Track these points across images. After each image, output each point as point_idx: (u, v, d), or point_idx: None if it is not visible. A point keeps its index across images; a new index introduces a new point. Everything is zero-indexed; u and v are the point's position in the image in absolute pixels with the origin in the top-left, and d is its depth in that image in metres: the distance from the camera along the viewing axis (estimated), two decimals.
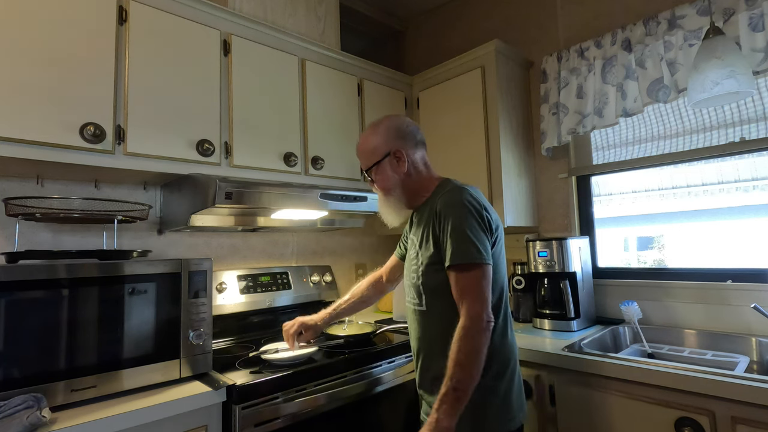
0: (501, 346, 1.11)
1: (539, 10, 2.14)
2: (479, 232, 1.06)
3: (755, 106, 1.55)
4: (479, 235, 1.05)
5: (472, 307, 1.01)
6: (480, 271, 1.03)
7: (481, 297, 1.02)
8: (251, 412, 1.18)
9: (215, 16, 1.57)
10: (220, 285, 1.74)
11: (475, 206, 1.08)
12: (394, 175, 1.19)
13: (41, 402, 0.96)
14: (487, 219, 1.09)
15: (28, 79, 1.17)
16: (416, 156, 1.21)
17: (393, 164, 1.19)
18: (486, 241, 1.06)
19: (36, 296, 1.03)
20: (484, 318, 1.00)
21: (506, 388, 1.09)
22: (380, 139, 1.20)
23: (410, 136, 1.21)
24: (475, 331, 0.99)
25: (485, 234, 1.07)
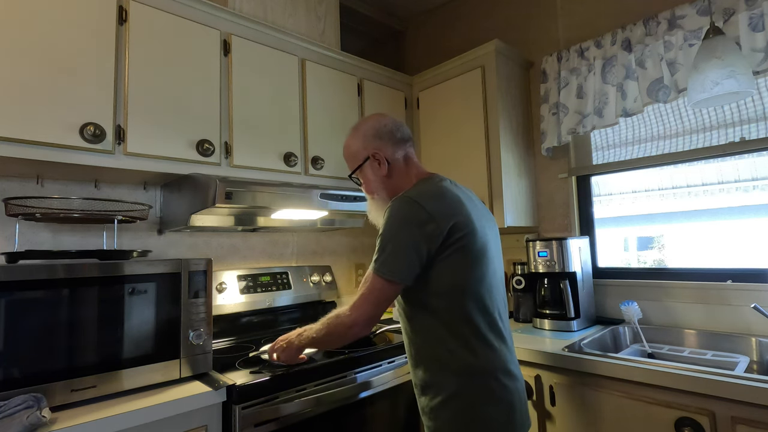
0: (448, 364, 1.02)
1: (539, 10, 2.14)
2: (405, 247, 1.01)
3: (755, 106, 1.55)
4: (403, 251, 1.01)
5: (359, 307, 1.04)
6: (381, 283, 1.02)
7: (370, 304, 1.03)
8: (251, 412, 1.18)
9: (215, 16, 1.57)
10: (220, 285, 1.74)
11: (404, 216, 1.02)
12: (376, 177, 1.19)
13: (41, 402, 0.96)
14: (423, 231, 1.00)
15: (28, 79, 1.17)
16: (397, 155, 1.19)
17: (374, 167, 1.19)
18: (402, 255, 1.00)
19: (36, 296, 1.03)
20: (361, 320, 1.03)
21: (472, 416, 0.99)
22: (359, 143, 1.20)
23: (388, 136, 1.18)
24: (347, 323, 1.05)
25: (409, 248, 1.00)
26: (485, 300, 1.05)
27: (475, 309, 1.03)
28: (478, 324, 1.03)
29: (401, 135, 1.20)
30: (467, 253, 1.03)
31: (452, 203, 1.06)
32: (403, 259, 1.00)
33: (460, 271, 1.03)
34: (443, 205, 1.04)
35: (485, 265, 1.06)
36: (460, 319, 1.02)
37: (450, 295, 1.02)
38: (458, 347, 1.01)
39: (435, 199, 1.05)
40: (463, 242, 1.03)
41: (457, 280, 1.02)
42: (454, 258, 1.02)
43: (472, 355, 1.01)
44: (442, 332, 1.03)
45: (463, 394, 1.00)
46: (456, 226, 1.03)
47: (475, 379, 1.01)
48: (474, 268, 1.04)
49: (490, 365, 1.02)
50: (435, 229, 1.00)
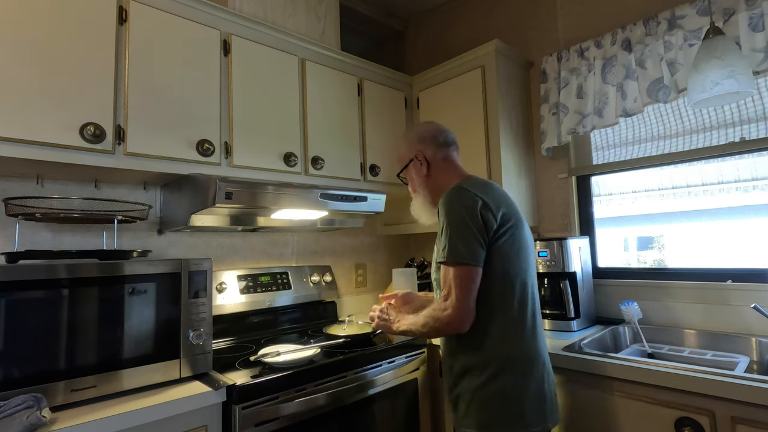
0: (497, 344, 1.10)
1: (539, 10, 2.14)
2: (464, 231, 1.08)
3: (755, 106, 1.55)
4: (462, 235, 1.08)
5: (453, 301, 1.08)
6: (460, 271, 1.07)
7: (461, 294, 1.07)
8: (251, 412, 1.18)
9: (215, 16, 1.57)
10: (220, 285, 1.74)
11: (463, 204, 1.11)
12: (418, 176, 1.31)
13: (41, 402, 0.96)
14: (480, 218, 1.09)
15: (28, 79, 1.17)
16: (438, 156, 1.29)
17: (417, 167, 1.31)
18: (473, 241, 1.08)
19: (36, 296, 1.03)
20: (457, 315, 1.07)
21: (515, 391, 1.08)
22: (406, 146, 1.35)
23: (431, 140, 1.30)
24: (445, 320, 1.09)
25: (472, 233, 1.08)
26: (528, 289, 1.15)
27: (520, 296, 1.12)
28: (522, 311, 1.12)
29: (443, 139, 1.31)
30: (515, 241, 1.13)
31: (500, 195, 1.18)
32: (473, 241, 1.08)
33: (509, 258, 1.12)
34: (493, 195, 1.15)
35: (528, 257, 1.17)
36: (507, 305, 1.11)
37: (500, 282, 1.10)
38: (504, 333, 1.10)
39: (484, 190, 1.15)
40: (512, 231, 1.13)
41: (506, 267, 1.11)
42: (506, 245, 1.11)
43: (514, 342, 1.10)
44: (489, 318, 1.10)
45: (503, 375, 1.08)
46: (506, 215, 1.13)
47: (516, 364, 1.09)
48: (520, 258, 1.14)
49: (532, 353, 1.12)
50: (490, 216, 1.10)
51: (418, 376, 1.66)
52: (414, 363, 1.65)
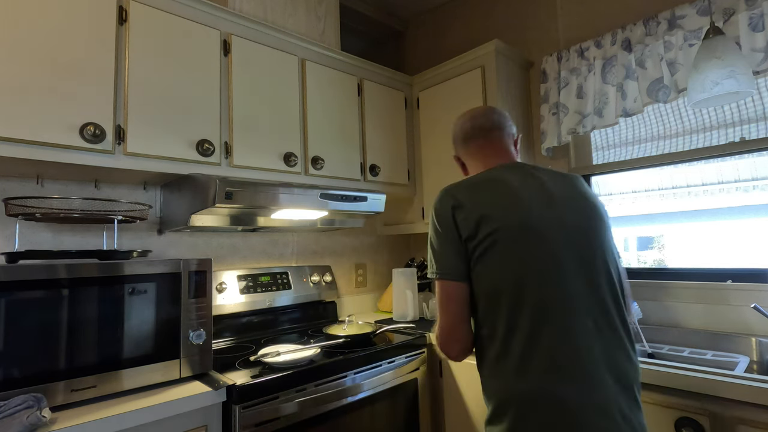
0: (493, 375, 0.90)
1: (539, 10, 2.14)
2: (436, 243, 0.97)
3: (755, 106, 1.55)
4: (437, 248, 0.97)
5: (436, 321, 0.97)
6: (437, 287, 0.96)
7: (439, 313, 0.96)
8: (251, 412, 1.18)
9: (215, 16, 1.57)
10: (220, 285, 1.74)
11: (436, 210, 0.99)
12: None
13: (41, 402, 0.96)
14: (451, 223, 0.94)
15: (28, 79, 1.17)
16: (466, 154, 1.15)
17: (461, 169, 1.21)
18: (448, 251, 0.94)
19: (36, 296, 1.03)
20: (437, 335, 0.96)
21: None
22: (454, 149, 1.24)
23: (459, 136, 1.16)
24: (434, 341, 1.00)
25: (449, 244, 0.95)
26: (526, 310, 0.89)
27: (509, 317, 0.89)
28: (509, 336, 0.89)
29: (464, 131, 1.15)
30: (504, 249, 0.90)
31: (496, 194, 0.95)
32: (446, 250, 0.95)
33: (496, 270, 0.91)
34: (479, 195, 0.96)
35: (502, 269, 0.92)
36: (494, 330, 0.92)
37: (489, 300, 0.93)
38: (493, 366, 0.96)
39: (473, 189, 0.98)
40: (499, 237, 0.90)
41: (494, 281, 0.92)
42: (491, 255, 0.91)
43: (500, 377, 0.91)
44: (480, 345, 0.97)
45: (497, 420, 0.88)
46: (488, 218, 0.92)
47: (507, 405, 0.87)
48: (512, 267, 0.90)
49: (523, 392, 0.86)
50: (461, 219, 0.94)
51: (418, 376, 1.66)
52: (414, 363, 1.65)
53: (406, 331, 1.80)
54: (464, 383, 1.63)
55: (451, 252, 0.94)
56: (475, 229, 0.92)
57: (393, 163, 2.15)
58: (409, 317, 2.04)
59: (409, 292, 2.05)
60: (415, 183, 2.26)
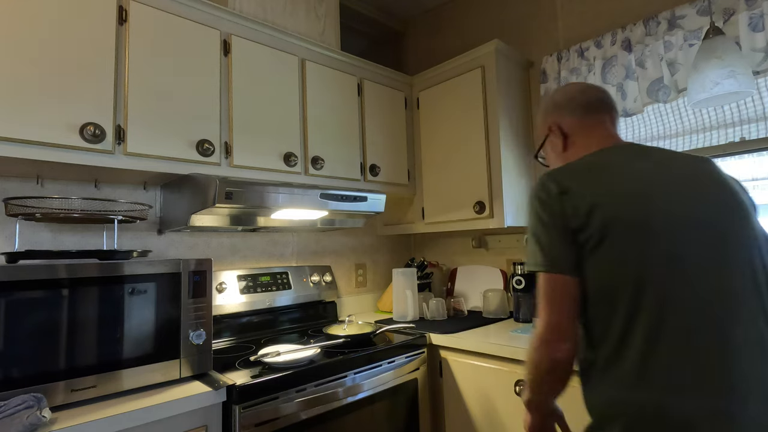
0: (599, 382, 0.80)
1: (539, 10, 2.14)
2: (541, 233, 0.85)
3: (755, 106, 1.55)
4: (543, 238, 0.84)
5: (539, 319, 0.85)
6: (542, 280, 0.84)
7: (544, 310, 0.83)
8: (251, 413, 1.18)
9: (215, 16, 1.57)
10: (220, 285, 1.74)
11: (538, 197, 0.86)
12: (554, 154, 1.04)
13: (41, 402, 0.96)
14: (558, 212, 0.83)
15: (28, 79, 1.17)
16: (578, 125, 0.99)
17: (553, 143, 1.03)
18: (555, 242, 0.83)
19: (36, 296, 1.03)
20: (541, 334, 0.83)
21: None
22: (541, 119, 1.07)
23: (569, 103, 1.00)
24: (533, 343, 0.85)
25: (551, 234, 0.83)
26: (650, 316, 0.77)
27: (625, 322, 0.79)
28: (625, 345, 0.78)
29: (586, 99, 0.99)
30: (623, 246, 0.79)
31: (614, 180, 0.83)
32: (554, 240, 0.83)
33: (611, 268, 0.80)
34: (593, 180, 0.84)
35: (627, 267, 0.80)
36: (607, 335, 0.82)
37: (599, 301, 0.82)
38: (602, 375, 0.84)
39: (584, 173, 0.86)
40: (617, 232, 0.79)
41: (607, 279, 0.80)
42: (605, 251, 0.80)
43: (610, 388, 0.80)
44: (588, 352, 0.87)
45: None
46: (605, 208, 0.80)
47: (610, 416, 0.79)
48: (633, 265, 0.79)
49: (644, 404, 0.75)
50: (569, 208, 0.82)
51: (418, 376, 1.66)
52: (414, 363, 1.65)
53: (406, 331, 1.80)
54: (464, 383, 1.63)
55: (560, 243, 0.83)
56: (586, 218, 0.81)
57: (393, 163, 2.15)
58: (409, 317, 2.04)
59: (409, 292, 2.05)
60: (415, 183, 2.26)
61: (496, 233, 2.27)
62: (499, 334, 1.67)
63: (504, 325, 1.86)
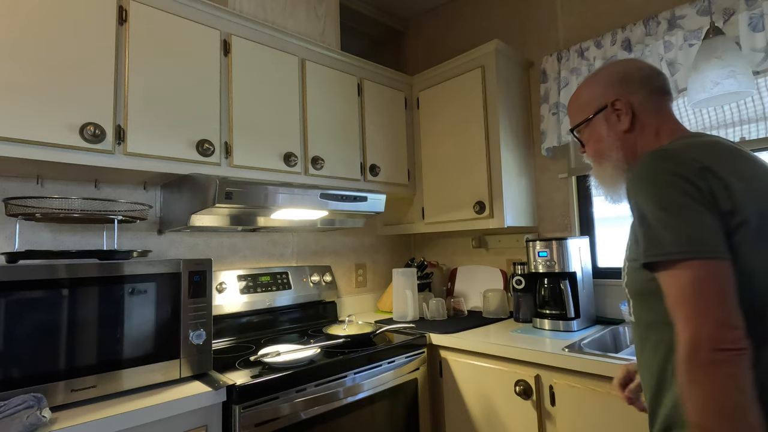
0: None
1: (539, 10, 2.14)
2: (683, 209, 0.67)
3: (755, 106, 1.55)
4: (683, 214, 0.66)
5: (685, 329, 0.64)
6: (691, 271, 0.65)
7: (699, 310, 0.64)
8: (251, 412, 1.18)
9: (215, 16, 1.57)
10: (220, 285, 1.74)
11: (677, 172, 0.69)
12: (611, 133, 0.89)
13: (41, 402, 0.96)
14: (709, 189, 0.67)
15: (28, 80, 1.17)
16: (649, 106, 0.87)
17: (611, 119, 0.89)
18: (704, 220, 0.66)
19: (36, 296, 1.03)
20: (704, 342, 0.62)
21: None
22: (598, 89, 0.92)
23: (643, 82, 0.88)
24: (693, 365, 0.63)
25: (705, 211, 0.66)
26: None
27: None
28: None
29: (659, 84, 0.89)
30: (758, 235, 0.68)
31: (745, 161, 0.73)
32: (703, 218, 0.66)
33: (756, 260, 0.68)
34: (728, 159, 0.72)
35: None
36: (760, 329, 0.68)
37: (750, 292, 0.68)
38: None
39: (710, 152, 0.72)
40: (750, 221, 0.68)
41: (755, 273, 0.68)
42: (749, 242, 0.67)
43: None
44: None
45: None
46: (751, 192, 0.69)
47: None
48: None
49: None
50: (720, 188, 0.67)
51: (418, 376, 1.66)
52: (414, 363, 1.65)
53: (406, 331, 1.80)
54: (464, 383, 1.63)
55: (712, 222, 0.66)
56: (736, 201, 0.67)
57: (393, 163, 2.15)
58: (409, 317, 2.04)
59: (409, 292, 2.05)
60: (415, 183, 2.26)
61: (496, 233, 2.28)
62: (499, 334, 1.67)
63: (504, 325, 1.86)
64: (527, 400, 1.45)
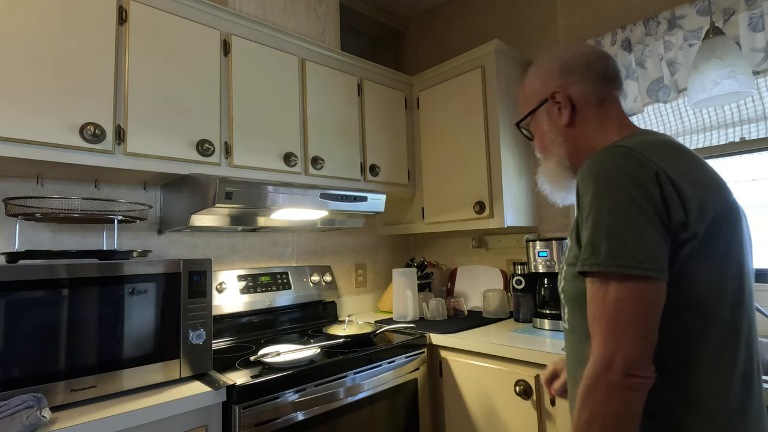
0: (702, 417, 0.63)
1: (539, 10, 2.14)
2: (631, 218, 0.62)
3: (755, 106, 1.55)
4: (628, 225, 0.62)
5: (601, 346, 0.62)
6: (619, 288, 0.62)
7: (620, 331, 0.61)
8: (251, 412, 1.18)
9: (215, 16, 1.57)
10: (220, 285, 1.74)
11: (633, 175, 0.64)
12: (552, 128, 0.85)
13: (41, 402, 0.96)
14: (662, 199, 0.63)
15: (28, 79, 1.17)
16: (591, 96, 0.81)
17: (552, 113, 0.84)
18: (649, 235, 0.62)
19: (36, 296, 1.03)
20: (617, 366, 0.60)
21: None
22: (539, 80, 0.87)
23: (582, 69, 0.82)
24: (599, 383, 0.61)
25: (653, 224, 0.62)
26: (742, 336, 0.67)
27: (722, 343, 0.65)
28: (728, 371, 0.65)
29: (602, 69, 0.83)
30: (725, 248, 0.66)
31: (697, 166, 0.69)
32: (649, 234, 0.62)
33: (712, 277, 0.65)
34: (684, 165, 0.67)
35: (749, 274, 0.71)
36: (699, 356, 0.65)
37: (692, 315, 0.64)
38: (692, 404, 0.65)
39: (667, 155, 0.67)
40: (721, 229, 0.65)
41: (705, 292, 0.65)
42: (705, 254, 0.64)
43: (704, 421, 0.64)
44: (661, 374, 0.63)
45: None
46: (707, 200, 0.65)
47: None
48: (730, 276, 0.66)
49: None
50: (675, 198, 0.63)
51: (418, 376, 1.66)
52: (414, 363, 1.65)
53: (406, 331, 1.80)
54: (464, 383, 1.63)
55: (657, 238, 0.62)
56: (688, 212, 0.63)
57: (393, 163, 2.15)
58: (409, 317, 2.04)
59: (409, 292, 2.05)
60: (415, 183, 2.26)
61: (496, 233, 2.28)
62: (499, 334, 1.67)
63: (504, 325, 1.86)
64: (527, 400, 1.45)
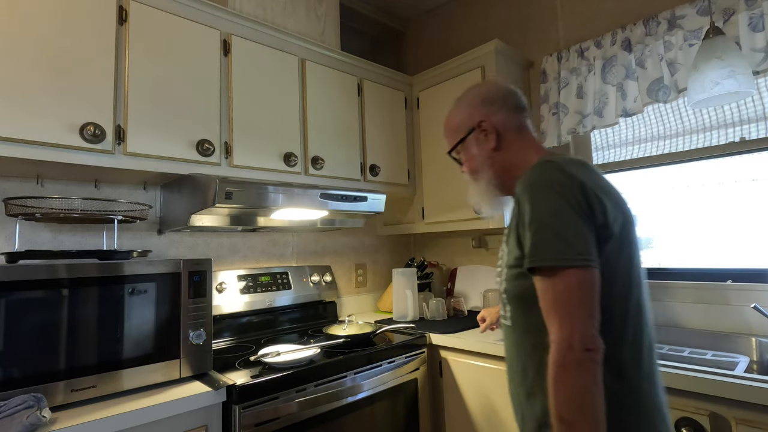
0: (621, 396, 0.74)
1: (539, 10, 2.14)
2: (568, 218, 0.74)
3: (755, 106, 1.55)
4: (567, 224, 0.74)
5: (559, 330, 0.71)
6: (568, 278, 0.72)
7: (573, 314, 0.71)
8: (251, 412, 1.18)
9: (215, 16, 1.57)
10: (220, 285, 1.74)
11: (565, 185, 0.76)
12: (481, 152, 0.98)
13: (41, 402, 0.96)
14: (587, 204, 0.75)
15: (28, 79, 1.17)
16: (510, 124, 0.97)
17: (479, 139, 0.98)
18: (584, 232, 0.73)
19: (36, 296, 1.03)
20: (576, 344, 0.69)
21: None
22: (464, 113, 1.01)
23: (500, 102, 0.98)
24: (564, 364, 0.70)
25: (585, 223, 0.74)
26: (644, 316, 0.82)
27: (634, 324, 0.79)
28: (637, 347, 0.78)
29: (516, 102, 0.99)
30: (628, 246, 0.79)
31: (603, 179, 0.83)
32: (583, 230, 0.74)
33: (620, 271, 0.78)
34: (595, 178, 0.80)
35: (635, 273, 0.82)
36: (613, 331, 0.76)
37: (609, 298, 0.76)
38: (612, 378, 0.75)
39: (582, 170, 0.80)
40: (623, 231, 0.79)
41: (617, 283, 0.77)
42: (615, 251, 0.77)
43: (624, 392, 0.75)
44: None
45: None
46: (617, 213, 0.79)
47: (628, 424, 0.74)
48: (634, 270, 0.81)
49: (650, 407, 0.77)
50: (596, 204, 0.76)
51: (418, 376, 1.66)
52: (414, 363, 1.65)
53: (406, 331, 1.80)
54: (464, 383, 1.63)
55: (589, 234, 0.74)
56: (606, 216, 0.76)
57: (393, 163, 2.15)
58: (409, 317, 2.04)
59: (409, 292, 2.05)
60: (415, 183, 2.26)
61: (496, 233, 2.27)
62: (499, 334, 1.67)
63: None
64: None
